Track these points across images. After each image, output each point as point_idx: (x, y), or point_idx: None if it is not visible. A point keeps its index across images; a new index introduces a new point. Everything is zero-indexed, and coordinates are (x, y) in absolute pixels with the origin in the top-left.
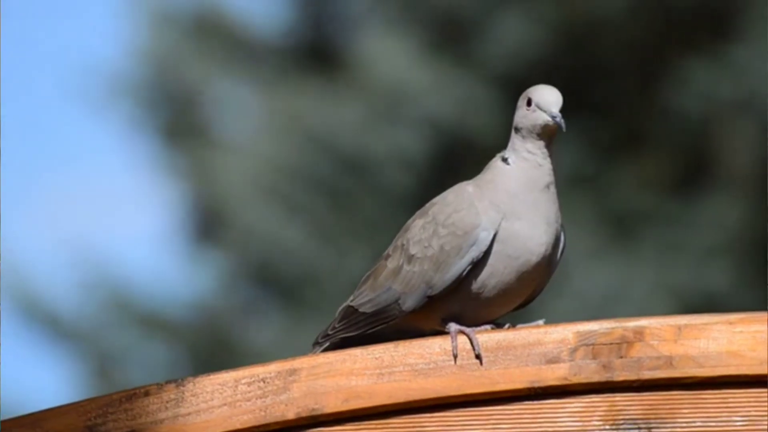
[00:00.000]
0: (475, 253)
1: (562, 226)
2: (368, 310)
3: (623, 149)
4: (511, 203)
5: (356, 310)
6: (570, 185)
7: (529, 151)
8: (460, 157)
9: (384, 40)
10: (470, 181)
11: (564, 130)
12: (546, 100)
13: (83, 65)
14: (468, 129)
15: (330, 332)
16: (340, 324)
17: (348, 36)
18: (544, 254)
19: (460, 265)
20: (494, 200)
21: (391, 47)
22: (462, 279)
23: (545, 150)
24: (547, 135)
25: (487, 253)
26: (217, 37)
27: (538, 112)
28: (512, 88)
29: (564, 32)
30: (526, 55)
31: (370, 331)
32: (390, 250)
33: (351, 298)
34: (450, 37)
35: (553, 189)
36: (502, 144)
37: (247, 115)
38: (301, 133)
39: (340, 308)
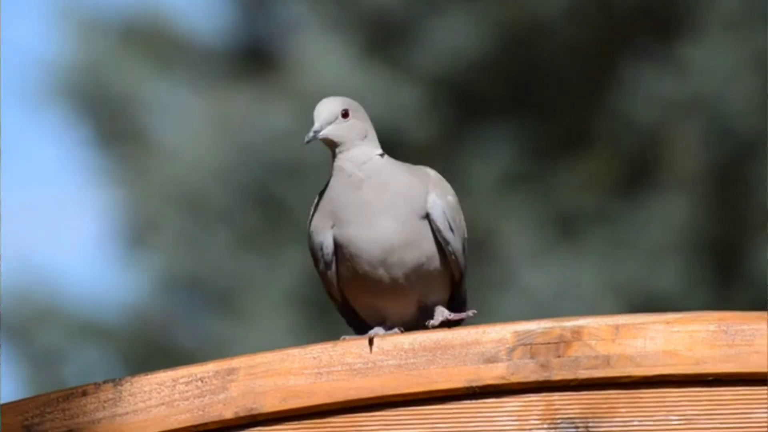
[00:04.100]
0: (321, 254)
1: (435, 206)
2: None
3: (569, 149)
4: (338, 210)
5: None
6: (515, 185)
7: (336, 158)
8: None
9: (319, 43)
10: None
11: (303, 143)
12: (314, 116)
13: (16, 67)
14: (404, 132)
15: None
16: None
17: (284, 40)
18: (390, 247)
19: (320, 266)
20: (328, 209)
21: (327, 50)
22: (336, 279)
23: (343, 153)
24: (327, 145)
25: (336, 254)
26: (152, 41)
27: None
28: (450, 91)
29: (505, 33)
30: (466, 57)
31: None
32: None
33: None
34: (387, 40)
35: (378, 179)
36: (436, 146)
37: (183, 120)
38: (237, 138)
39: None
